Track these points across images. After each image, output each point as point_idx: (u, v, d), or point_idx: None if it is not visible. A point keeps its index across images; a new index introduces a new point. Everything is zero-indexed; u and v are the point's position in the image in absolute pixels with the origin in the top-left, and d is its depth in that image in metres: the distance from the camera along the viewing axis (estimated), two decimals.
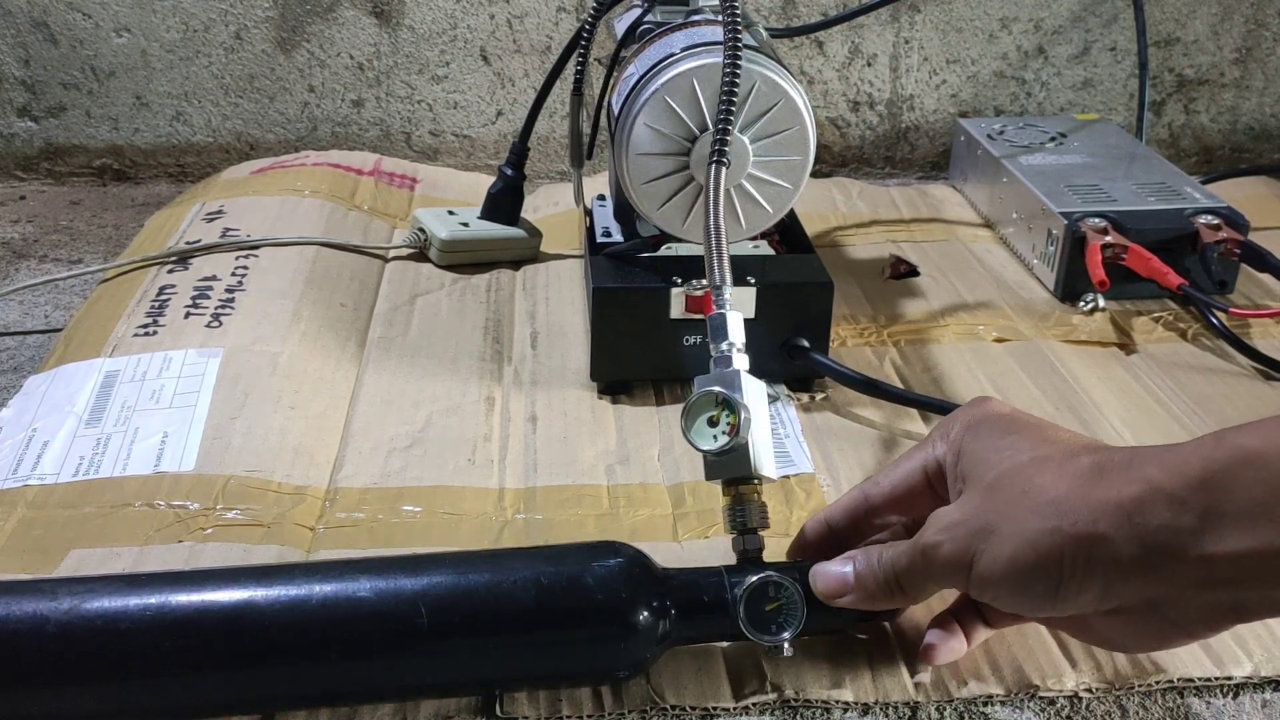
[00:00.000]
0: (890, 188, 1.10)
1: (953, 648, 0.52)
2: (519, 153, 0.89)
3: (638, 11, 0.80)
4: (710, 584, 0.51)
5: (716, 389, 0.52)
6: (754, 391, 0.54)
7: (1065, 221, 0.86)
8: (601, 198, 0.86)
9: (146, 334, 0.77)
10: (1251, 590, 0.40)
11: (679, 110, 0.69)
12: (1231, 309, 0.82)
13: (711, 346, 0.56)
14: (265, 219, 0.93)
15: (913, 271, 0.92)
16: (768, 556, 0.53)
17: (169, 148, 1.16)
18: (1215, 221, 0.86)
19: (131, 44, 1.11)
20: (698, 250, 0.75)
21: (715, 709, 0.52)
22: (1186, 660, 0.53)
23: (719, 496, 0.54)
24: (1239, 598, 0.41)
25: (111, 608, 0.47)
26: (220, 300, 0.80)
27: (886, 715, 0.52)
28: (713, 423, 0.52)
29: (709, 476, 0.53)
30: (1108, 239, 0.85)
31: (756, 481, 0.53)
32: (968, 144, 1.07)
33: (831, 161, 1.20)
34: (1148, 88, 1.07)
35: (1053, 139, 1.03)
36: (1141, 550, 0.40)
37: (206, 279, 0.83)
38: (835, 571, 0.50)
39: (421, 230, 0.91)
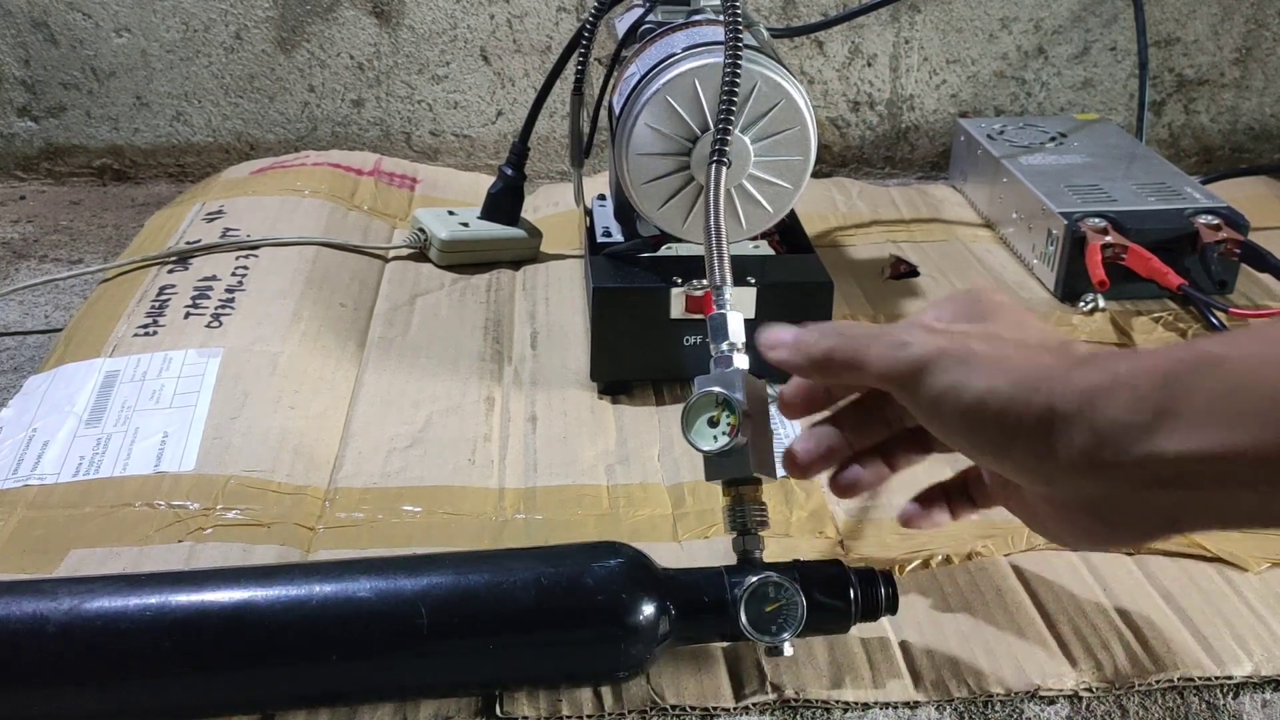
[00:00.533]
0: (890, 188, 1.10)
1: (934, 519, 0.53)
2: (519, 153, 0.89)
3: (639, 11, 0.80)
4: (710, 584, 0.51)
5: (716, 389, 0.52)
6: (754, 392, 0.54)
7: (1065, 221, 0.86)
8: (601, 198, 0.86)
9: (146, 334, 0.77)
10: (1192, 495, 0.39)
11: (680, 110, 0.69)
12: (1231, 309, 0.82)
13: (712, 346, 0.55)
14: (265, 219, 0.93)
15: (913, 271, 0.92)
16: (768, 557, 0.53)
17: (169, 148, 1.16)
18: (1215, 221, 0.86)
19: (131, 44, 1.11)
20: (698, 250, 0.75)
21: (715, 709, 0.52)
22: (1186, 660, 0.54)
23: (719, 496, 0.54)
24: (1180, 502, 0.40)
25: (111, 608, 0.47)
26: (220, 300, 0.80)
27: (886, 715, 0.52)
28: (713, 423, 0.52)
29: (709, 477, 0.53)
30: (1108, 239, 0.85)
31: (756, 482, 0.53)
32: (968, 144, 1.07)
33: (831, 161, 1.20)
34: (1148, 88, 1.07)
35: (1053, 139, 1.03)
36: (1093, 439, 0.39)
37: (206, 279, 0.83)
38: (781, 330, 0.49)
39: (421, 230, 0.91)
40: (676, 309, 0.72)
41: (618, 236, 0.79)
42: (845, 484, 0.52)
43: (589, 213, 0.84)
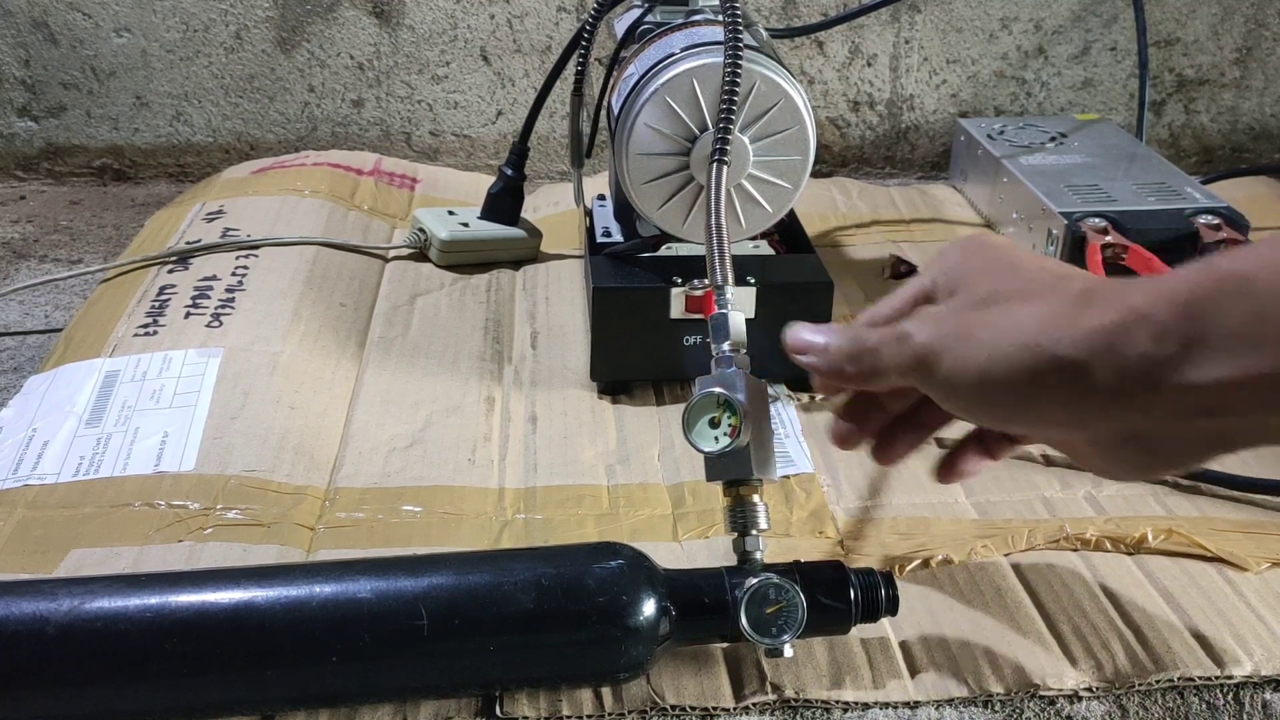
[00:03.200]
0: (890, 188, 1.10)
1: (968, 469, 0.51)
2: (519, 153, 0.89)
3: (638, 12, 0.80)
4: (711, 585, 0.51)
5: (717, 390, 0.52)
6: (755, 392, 0.54)
7: (1065, 221, 0.86)
8: (601, 198, 0.86)
9: (146, 334, 0.77)
10: (1238, 419, 0.37)
11: (679, 110, 0.69)
12: None
13: (713, 347, 0.56)
14: (265, 219, 0.93)
15: (912, 271, 0.92)
16: (769, 557, 0.53)
17: (169, 148, 1.16)
18: (1215, 221, 0.86)
19: (131, 44, 1.11)
20: (698, 250, 0.75)
21: (715, 709, 0.52)
22: (1186, 659, 0.54)
23: (719, 496, 0.54)
24: (1226, 427, 0.38)
25: (111, 608, 0.47)
26: (220, 300, 0.80)
27: (886, 715, 0.52)
28: (714, 424, 0.52)
29: (710, 477, 0.53)
30: (1108, 239, 0.85)
31: (757, 482, 0.53)
32: (968, 144, 1.07)
33: (831, 161, 1.20)
34: (1148, 88, 1.07)
35: (1053, 139, 1.03)
36: (1118, 380, 0.38)
37: (206, 279, 0.83)
38: (806, 334, 0.49)
39: (421, 230, 0.91)
40: (676, 309, 0.72)
41: (618, 236, 0.79)
42: (885, 453, 0.52)
43: (589, 213, 0.84)
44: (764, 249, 0.78)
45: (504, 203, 0.91)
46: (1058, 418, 0.41)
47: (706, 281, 0.69)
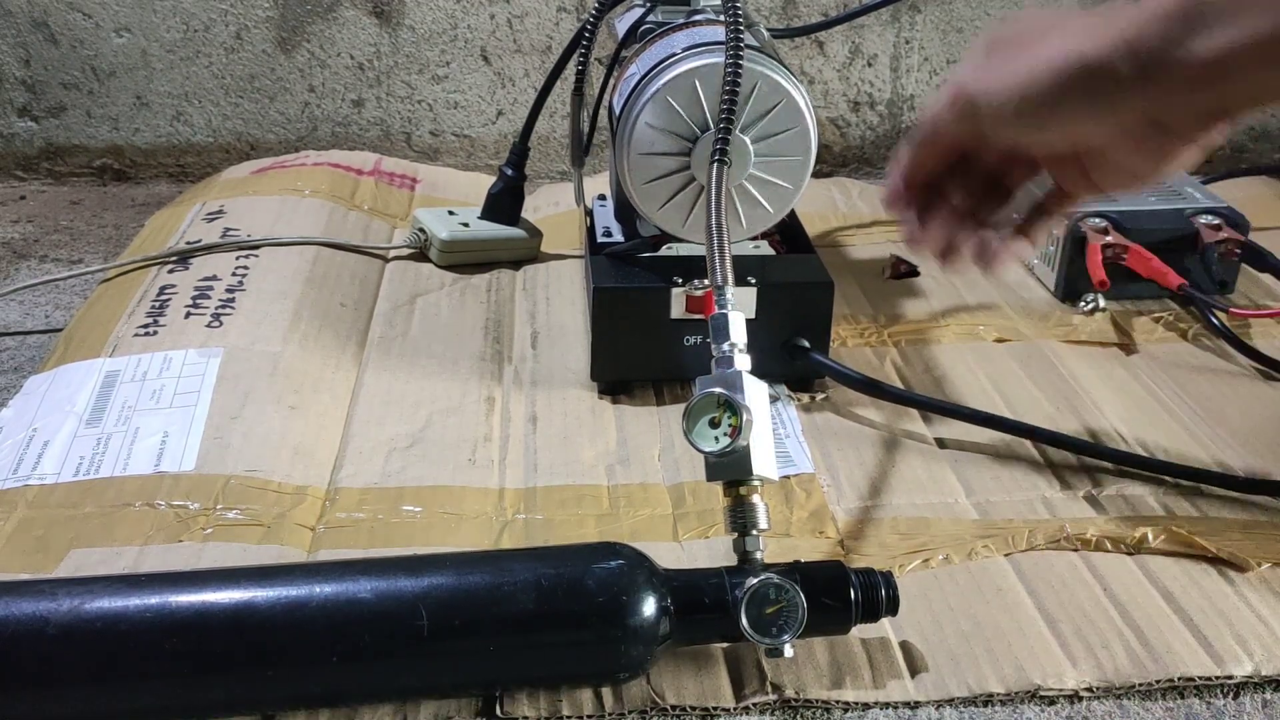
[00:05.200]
0: None
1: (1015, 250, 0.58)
2: (519, 153, 0.89)
3: (639, 11, 0.80)
4: (711, 585, 0.51)
5: (718, 390, 0.52)
6: (756, 392, 0.54)
7: (1066, 221, 0.86)
8: (602, 197, 0.86)
9: (147, 334, 0.77)
10: (1237, 83, 0.43)
11: (680, 110, 0.69)
12: (1232, 309, 0.82)
13: (713, 347, 0.56)
14: (265, 219, 0.93)
15: (913, 271, 0.92)
16: (768, 557, 0.53)
17: (169, 148, 1.16)
18: (1216, 221, 0.86)
19: (132, 44, 1.11)
20: (698, 250, 0.75)
21: (715, 709, 0.52)
22: (1187, 659, 0.54)
23: (719, 496, 0.54)
24: (1226, 95, 0.45)
25: (111, 608, 0.47)
26: (220, 300, 0.80)
27: (886, 715, 0.52)
28: (714, 424, 0.52)
29: (710, 477, 0.53)
30: (1108, 239, 0.85)
31: (757, 482, 0.53)
32: None
33: (832, 161, 1.20)
34: None
35: None
36: (1138, 68, 0.44)
37: (207, 279, 0.83)
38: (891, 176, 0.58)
39: (421, 230, 0.91)
40: (677, 309, 0.72)
41: (618, 236, 0.79)
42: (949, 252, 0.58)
43: (589, 213, 0.84)
44: (764, 249, 0.78)
45: (504, 203, 0.91)
46: (1091, 113, 0.47)
47: (707, 281, 0.69)
